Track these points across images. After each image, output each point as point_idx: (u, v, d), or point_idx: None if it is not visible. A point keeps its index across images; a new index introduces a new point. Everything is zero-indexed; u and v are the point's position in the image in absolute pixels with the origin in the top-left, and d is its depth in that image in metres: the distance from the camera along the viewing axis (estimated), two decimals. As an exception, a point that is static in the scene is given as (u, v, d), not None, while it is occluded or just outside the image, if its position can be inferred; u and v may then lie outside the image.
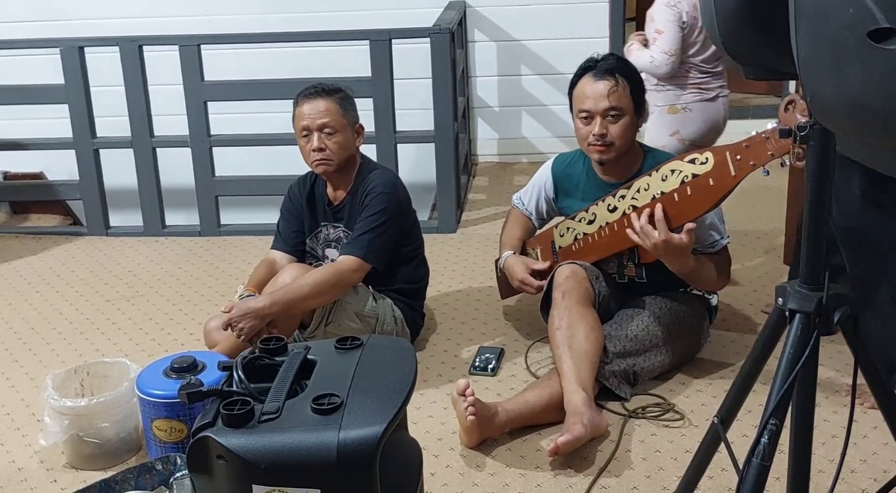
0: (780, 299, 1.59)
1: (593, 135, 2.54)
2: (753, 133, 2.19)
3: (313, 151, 2.65)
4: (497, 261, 2.93)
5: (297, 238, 2.83)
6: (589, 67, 2.58)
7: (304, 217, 2.83)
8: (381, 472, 1.41)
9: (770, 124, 2.03)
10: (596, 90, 2.53)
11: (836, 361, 2.58)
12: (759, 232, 3.73)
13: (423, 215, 4.65)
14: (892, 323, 2.25)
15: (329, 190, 2.79)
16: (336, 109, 2.64)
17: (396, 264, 2.75)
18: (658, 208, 2.37)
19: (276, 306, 2.48)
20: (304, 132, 2.66)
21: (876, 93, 0.88)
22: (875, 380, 1.64)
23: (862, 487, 2.07)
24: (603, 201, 2.58)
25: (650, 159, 2.62)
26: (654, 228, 2.36)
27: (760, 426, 1.53)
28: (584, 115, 2.56)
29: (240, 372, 1.54)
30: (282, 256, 2.82)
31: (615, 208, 2.54)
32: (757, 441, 1.54)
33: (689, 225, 2.34)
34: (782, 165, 1.82)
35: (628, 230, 2.42)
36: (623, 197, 2.52)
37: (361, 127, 2.74)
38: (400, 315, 2.74)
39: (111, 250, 3.96)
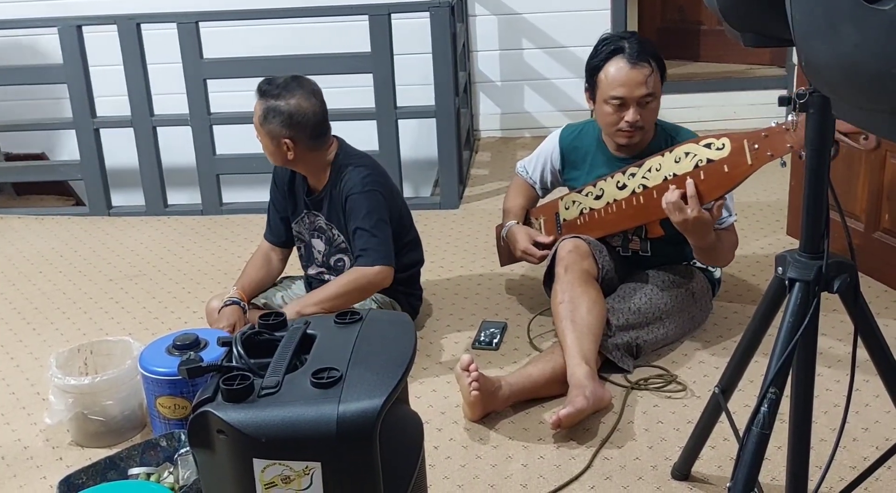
0: (780, 268, 1.59)
1: (627, 122, 2.48)
2: (773, 124, 2.17)
3: None
4: (499, 228, 2.91)
5: (285, 225, 2.79)
6: (617, 50, 2.49)
7: (287, 202, 2.77)
8: (381, 445, 1.41)
9: (790, 116, 2.00)
10: (633, 78, 2.45)
11: (837, 330, 2.58)
12: (763, 203, 3.71)
13: (425, 191, 4.66)
14: None
15: (309, 178, 2.72)
16: (259, 115, 2.56)
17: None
18: (690, 185, 2.32)
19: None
20: None
21: (871, 54, 0.87)
22: (876, 349, 1.64)
23: (864, 455, 2.08)
24: (612, 177, 2.56)
25: (661, 134, 2.60)
26: (686, 203, 2.33)
27: (760, 394, 1.54)
28: (617, 102, 2.48)
29: (239, 347, 1.54)
30: (271, 248, 2.81)
31: (624, 186, 2.52)
32: (757, 410, 1.54)
33: (720, 202, 2.34)
34: (800, 157, 1.78)
35: (663, 198, 2.38)
36: (633, 175, 2.49)
37: (287, 144, 2.54)
38: (398, 307, 2.72)
39: (113, 229, 3.97)
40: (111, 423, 2.31)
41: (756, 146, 2.22)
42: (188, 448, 2.00)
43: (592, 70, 2.55)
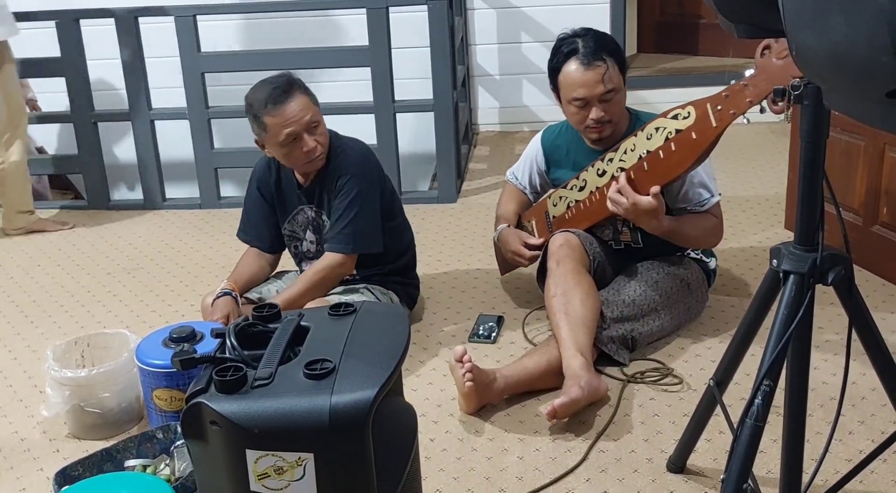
0: (775, 260, 1.59)
1: (593, 119, 2.51)
2: (732, 83, 2.18)
3: (307, 152, 2.51)
4: (494, 238, 2.92)
5: (274, 230, 2.77)
6: (571, 51, 2.52)
7: (275, 206, 2.74)
8: (374, 436, 1.41)
9: (747, 72, 2.02)
10: (588, 78, 2.48)
11: (835, 324, 2.58)
12: (761, 197, 3.71)
13: (423, 185, 4.66)
14: None
15: (296, 172, 2.69)
16: (309, 101, 2.51)
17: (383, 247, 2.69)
18: (622, 178, 2.40)
19: None
20: (292, 137, 2.48)
21: (860, 44, 0.87)
22: (871, 342, 1.64)
23: (860, 448, 2.08)
24: (593, 167, 2.57)
25: (635, 120, 2.62)
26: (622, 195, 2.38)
27: (754, 387, 1.54)
28: (578, 103, 2.52)
29: (233, 339, 1.54)
30: (259, 253, 2.78)
31: (604, 172, 2.53)
32: (751, 402, 1.54)
33: (654, 188, 2.35)
34: (761, 111, 1.82)
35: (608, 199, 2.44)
36: (611, 160, 2.51)
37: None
38: (395, 298, 2.72)
39: (112, 223, 3.97)
40: (108, 415, 2.31)
41: (719, 107, 2.24)
42: (184, 440, 2.01)
43: (552, 72, 2.58)
